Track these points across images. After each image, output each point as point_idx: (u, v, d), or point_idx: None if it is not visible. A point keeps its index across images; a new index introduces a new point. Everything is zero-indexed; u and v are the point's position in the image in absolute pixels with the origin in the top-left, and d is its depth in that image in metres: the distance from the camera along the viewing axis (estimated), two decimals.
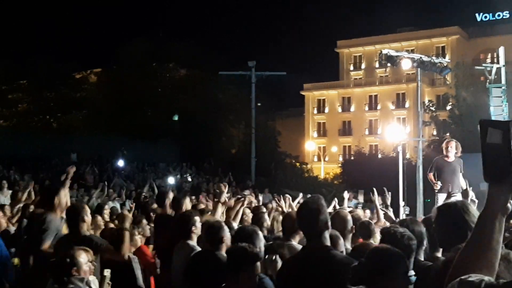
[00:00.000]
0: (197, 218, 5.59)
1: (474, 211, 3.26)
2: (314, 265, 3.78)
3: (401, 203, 15.91)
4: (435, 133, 42.99)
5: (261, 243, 4.72)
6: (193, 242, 5.48)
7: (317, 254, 3.84)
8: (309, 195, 5.63)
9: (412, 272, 3.70)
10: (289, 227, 5.02)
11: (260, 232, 4.82)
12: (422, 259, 4.07)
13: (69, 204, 6.33)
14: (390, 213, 7.58)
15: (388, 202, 8.57)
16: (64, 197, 6.15)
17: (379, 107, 61.62)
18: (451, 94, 40.09)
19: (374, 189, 7.17)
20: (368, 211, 10.69)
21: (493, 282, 1.44)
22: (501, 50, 17.18)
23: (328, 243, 3.90)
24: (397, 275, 2.96)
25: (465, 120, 33.40)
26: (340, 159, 52.36)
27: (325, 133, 64.03)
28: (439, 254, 4.04)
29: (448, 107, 41.99)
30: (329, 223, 3.89)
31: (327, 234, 3.89)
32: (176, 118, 37.07)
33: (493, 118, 16.32)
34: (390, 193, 8.60)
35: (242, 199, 6.98)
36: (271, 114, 42.34)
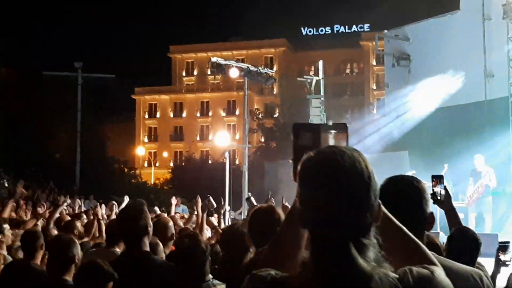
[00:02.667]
0: (6, 226, 5.25)
1: (283, 214, 3.46)
2: (132, 270, 3.73)
3: (227, 207, 16.34)
4: (263, 139, 44.87)
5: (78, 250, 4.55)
6: (2, 250, 5.14)
7: (136, 259, 3.79)
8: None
9: (210, 276, 3.86)
10: (112, 235, 4.90)
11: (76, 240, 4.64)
12: None
13: None
14: (214, 219, 7.73)
15: (222, 210, 8.74)
16: None
17: (210, 113, 62.72)
18: (276, 103, 42.16)
19: (198, 196, 7.26)
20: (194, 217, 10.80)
21: (279, 275, 1.52)
22: (321, 64, 18.40)
23: (147, 248, 3.87)
24: None
25: (288, 129, 35.22)
26: (172, 164, 52.40)
27: (156, 138, 63.64)
28: None
29: (276, 116, 44.09)
30: (150, 229, 3.87)
31: (146, 240, 3.85)
32: None
33: None
34: (225, 202, 8.76)
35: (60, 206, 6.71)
36: (100, 118, 41.06)
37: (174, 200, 10.93)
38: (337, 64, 61.16)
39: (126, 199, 10.41)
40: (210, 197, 6.37)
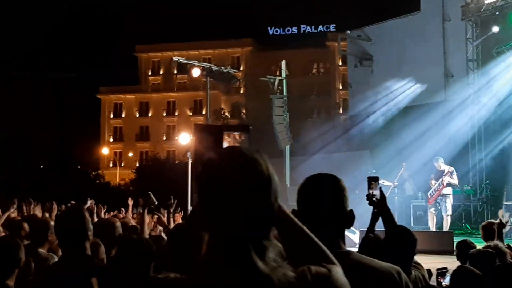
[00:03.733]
0: None
1: None
2: (72, 275, 3.68)
3: (189, 207, 16.28)
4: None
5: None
6: None
7: (76, 263, 3.74)
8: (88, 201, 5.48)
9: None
10: (38, 235, 4.82)
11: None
12: None
13: None
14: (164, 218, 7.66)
15: (172, 209, 8.68)
16: None
17: (177, 113, 62.35)
18: (242, 103, 42.18)
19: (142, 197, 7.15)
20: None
21: (179, 278, 1.51)
22: (283, 64, 18.49)
23: (88, 252, 3.83)
24: None
25: (253, 128, 35.30)
26: (137, 164, 51.97)
27: (121, 138, 62.98)
28: None
29: (243, 115, 44.14)
30: (90, 233, 3.83)
31: (87, 244, 3.82)
32: None
33: (275, 126, 17.46)
34: (175, 200, 8.65)
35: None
36: (64, 118, 40.56)
37: (130, 201, 10.84)
38: (304, 64, 61.39)
39: (89, 203, 10.30)
40: (151, 193, 6.21)
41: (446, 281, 4.52)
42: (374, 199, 3.59)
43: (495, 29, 16.82)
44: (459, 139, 17.84)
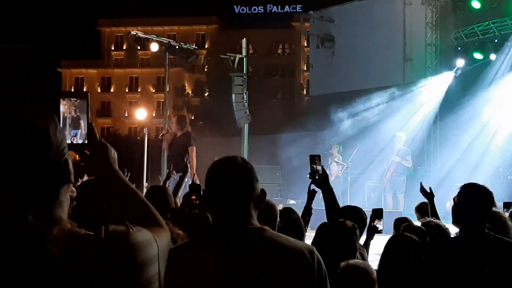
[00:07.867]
0: None
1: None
2: None
3: (145, 184, 16.29)
4: (193, 117, 44.56)
5: None
6: None
7: None
8: None
9: None
10: None
11: None
12: None
13: None
14: None
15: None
16: None
17: (139, 89, 61.57)
18: (204, 81, 41.87)
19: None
20: None
21: None
22: (244, 42, 18.37)
23: None
24: None
25: (213, 106, 35.11)
26: None
27: None
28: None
29: (206, 93, 43.85)
30: None
31: None
32: None
33: (233, 104, 17.37)
34: (129, 173, 8.57)
35: None
36: (22, 92, 39.56)
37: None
38: (269, 44, 61.22)
39: None
40: None
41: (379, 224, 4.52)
42: (316, 176, 3.61)
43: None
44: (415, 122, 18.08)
